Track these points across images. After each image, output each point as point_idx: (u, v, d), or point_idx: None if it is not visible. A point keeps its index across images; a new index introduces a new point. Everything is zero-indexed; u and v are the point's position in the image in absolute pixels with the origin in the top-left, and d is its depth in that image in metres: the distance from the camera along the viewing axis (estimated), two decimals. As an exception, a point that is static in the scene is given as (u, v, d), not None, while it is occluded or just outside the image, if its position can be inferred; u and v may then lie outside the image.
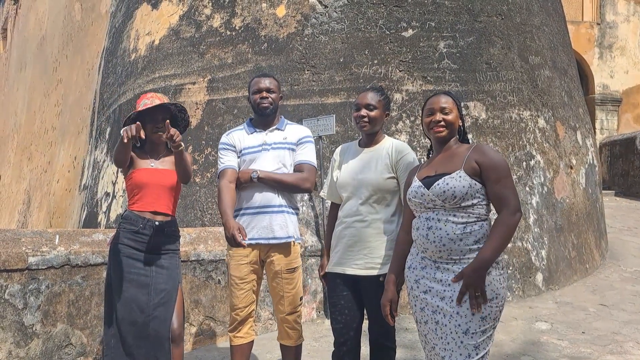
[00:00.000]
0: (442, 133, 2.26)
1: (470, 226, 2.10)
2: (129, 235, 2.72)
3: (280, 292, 2.88)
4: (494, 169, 2.12)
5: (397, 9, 5.52)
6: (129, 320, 2.66)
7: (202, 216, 5.18)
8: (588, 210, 6.38)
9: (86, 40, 10.45)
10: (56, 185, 10.47)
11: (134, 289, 2.68)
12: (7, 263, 3.17)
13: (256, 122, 3.01)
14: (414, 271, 2.22)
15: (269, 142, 2.92)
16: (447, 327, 2.07)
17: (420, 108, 5.30)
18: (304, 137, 3.02)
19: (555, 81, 6.36)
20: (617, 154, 13.03)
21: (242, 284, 2.86)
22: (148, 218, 2.74)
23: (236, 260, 2.87)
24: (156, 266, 2.75)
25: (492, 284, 2.07)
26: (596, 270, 6.13)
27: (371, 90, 2.71)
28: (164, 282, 2.75)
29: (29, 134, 14.35)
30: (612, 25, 15.82)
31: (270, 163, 2.89)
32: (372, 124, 2.66)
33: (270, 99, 2.93)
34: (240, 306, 2.86)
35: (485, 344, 2.06)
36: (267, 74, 3.06)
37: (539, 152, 5.71)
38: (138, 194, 2.77)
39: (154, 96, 2.84)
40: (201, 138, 5.43)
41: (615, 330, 4.30)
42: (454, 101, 2.30)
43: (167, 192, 2.82)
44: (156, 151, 2.88)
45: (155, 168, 2.82)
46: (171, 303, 2.76)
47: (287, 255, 2.88)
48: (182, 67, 5.82)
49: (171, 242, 2.83)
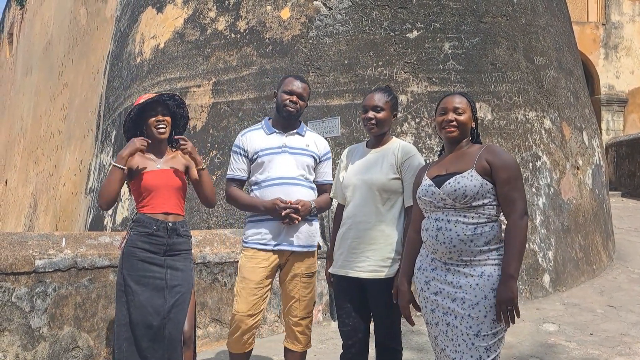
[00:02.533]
0: (453, 133, 2.24)
1: (481, 227, 2.09)
2: (143, 238, 2.68)
3: (296, 295, 2.82)
4: (505, 169, 2.11)
5: (401, 11, 5.51)
6: (144, 323, 2.62)
7: (207, 218, 5.19)
8: (595, 211, 6.35)
9: (92, 44, 10.50)
10: (62, 189, 10.51)
11: (149, 293, 2.65)
12: (14, 266, 3.18)
13: (275, 123, 2.94)
14: (424, 272, 2.21)
15: (290, 145, 2.87)
16: (459, 329, 2.06)
17: (425, 109, 5.29)
18: (327, 152, 3.01)
19: (561, 82, 6.34)
20: (623, 154, 12.96)
21: (256, 289, 2.76)
22: (161, 220, 2.71)
23: (254, 262, 2.79)
24: (171, 268, 2.72)
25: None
26: (604, 271, 6.09)
27: (378, 92, 2.68)
28: (179, 284, 2.72)
29: (35, 138, 14.41)
30: (618, 26, 15.76)
31: (291, 167, 2.85)
32: (380, 126, 2.64)
33: (299, 105, 2.87)
34: (249, 313, 2.75)
35: (496, 346, 2.05)
36: (303, 78, 2.98)
37: (545, 153, 5.69)
38: (148, 196, 2.73)
39: (150, 96, 2.83)
40: (206, 141, 5.43)
41: (624, 332, 4.27)
42: (468, 102, 2.28)
43: (176, 193, 2.79)
44: (159, 150, 2.83)
45: (162, 169, 2.78)
46: (185, 305, 2.73)
47: (308, 259, 2.85)
48: (187, 70, 5.83)
49: (185, 243, 2.80)
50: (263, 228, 2.81)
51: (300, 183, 2.83)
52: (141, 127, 2.82)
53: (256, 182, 2.88)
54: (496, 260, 2.09)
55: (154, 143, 2.81)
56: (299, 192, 2.81)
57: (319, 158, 2.95)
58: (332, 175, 3.01)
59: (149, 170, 2.75)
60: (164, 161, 2.81)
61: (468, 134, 2.29)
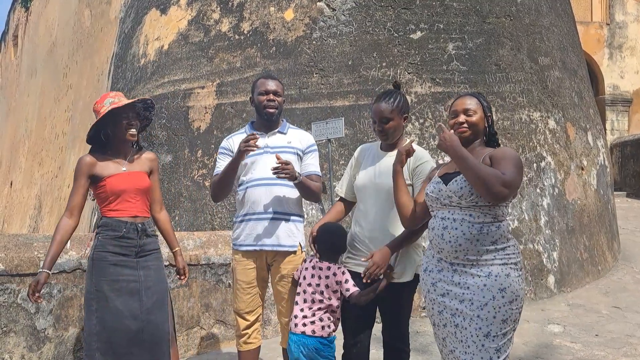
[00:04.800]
0: (465, 133, 2.23)
1: (487, 226, 2.08)
2: (113, 241, 2.61)
3: (285, 296, 2.85)
4: (503, 157, 2.10)
5: (405, 11, 5.51)
6: (122, 329, 2.56)
7: (212, 220, 5.19)
8: (600, 211, 6.33)
9: (96, 46, 10.54)
10: (67, 190, 10.54)
11: (124, 297, 2.59)
12: (20, 268, 3.19)
13: (258, 125, 2.97)
14: (430, 274, 2.21)
15: (271, 145, 2.88)
16: (468, 330, 2.06)
17: (429, 110, 5.29)
18: (311, 145, 3.00)
19: (565, 82, 6.32)
20: (628, 154, 12.92)
21: (248, 288, 2.86)
22: (130, 222, 2.65)
23: (243, 265, 2.87)
24: (143, 269, 2.67)
25: (512, 285, 2.04)
26: (609, 272, 6.07)
27: (383, 100, 2.61)
28: (154, 285, 2.68)
29: (39, 140, 14.47)
30: (622, 26, 15.71)
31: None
32: (391, 136, 2.62)
33: (277, 103, 2.89)
34: (247, 310, 2.86)
35: (506, 347, 2.04)
36: (273, 75, 3.02)
37: (549, 154, 5.67)
38: (115, 200, 2.66)
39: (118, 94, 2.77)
40: (210, 142, 5.44)
41: (629, 333, 4.25)
42: (479, 103, 2.27)
43: (143, 195, 2.74)
44: (124, 152, 2.76)
45: (128, 172, 2.71)
46: (165, 306, 2.70)
47: (293, 260, 2.86)
48: (191, 71, 5.84)
49: (154, 242, 2.76)
50: (246, 229, 2.86)
51: (284, 183, 2.83)
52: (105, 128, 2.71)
53: (241, 183, 2.92)
54: (503, 259, 2.08)
55: (119, 145, 2.73)
56: (281, 191, 2.83)
57: (302, 152, 2.94)
58: (318, 167, 2.98)
59: (115, 173, 2.67)
60: (128, 163, 2.75)
61: (481, 134, 2.28)
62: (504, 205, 2.14)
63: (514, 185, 2.04)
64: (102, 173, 2.66)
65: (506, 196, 2.03)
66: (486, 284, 2.04)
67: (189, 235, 4.20)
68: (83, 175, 2.65)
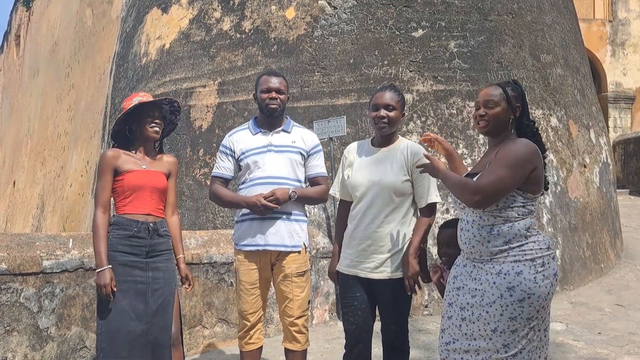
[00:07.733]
0: (483, 128, 2.17)
1: (497, 227, 2.07)
2: (123, 241, 2.62)
3: (289, 295, 2.84)
4: (499, 157, 2.06)
5: (406, 9, 5.50)
6: (125, 330, 2.56)
7: (214, 219, 5.20)
8: (602, 209, 6.31)
9: (97, 45, 10.54)
10: (69, 190, 10.56)
11: (130, 298, 2.59)
12: (22, 267, 3.20)
13: (261, 122, 2.96)
14: (456, 268, 2.25)
15: (275, 143, 2.88)
16: (475, 324, 2.07)
17: (430, 108, 5.28)
18: (316, 145, 2.99)
19: (568, 79, 6.30)
20: (631, 152, 12.87)
21: (252, 289, 2.85)
22: (142, 220, 2.65)
23: (246, 265, 2.86)
24: (152, 271, 2.67)
25: (523, 283, 2.01)
26: (611, 270, 6.05)
27: (389, 90, 2.63)
28: (162, 288, 2.68)
29: (42, 139, 14.49)
30: (625, 23, 15.64)
31: (279, 166, 2.85)
32: (392, 125, 2.61)
33: (279, 100, 2.87)
34: (250, 311, 2.85)
35: (516, 344, 2.02)
36: (277, 72, 3.00)
37: (551, 151, 5.66)
38: (130, 196, 2.67)
39: (147, 95, 2.82)
40: (212, 141, 5.44)
41: (632, 331, 4.24)
42: (504, 93, 2.14)
43: (159, 195, 2.75)
44: (146, 150, 2.79)
45: (147, 170, 2.73)
46: (170, 309, 2.70)
47: (297, 259, 2.86)
48: (192, 70, 5.84)
49: (165, 243, 2.76)
50: (248, 229, 2.85)
51: (286, 181, 2.83)
52: (131, 125, 2.76)
53: (243, 181, 2.91)
54: (516, 256, 2.04)
55: (141, 142, 2.77)
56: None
57: (306, 153, 2.94)
58: (324, 168, 3.00)
59: (134, 169, 2.70)
60: (150, 162, 2.77)
61: (504, 127, 2.16)
62: (520, 206, 2.07)
63: (488, 190, 1.99)
64: (122, 167, 2.69)
65: (480, 201, 2.01)
66: (495, 282, 2.05)
67: (191, 234, 4.20)
68: (108, 169, 2.68)
